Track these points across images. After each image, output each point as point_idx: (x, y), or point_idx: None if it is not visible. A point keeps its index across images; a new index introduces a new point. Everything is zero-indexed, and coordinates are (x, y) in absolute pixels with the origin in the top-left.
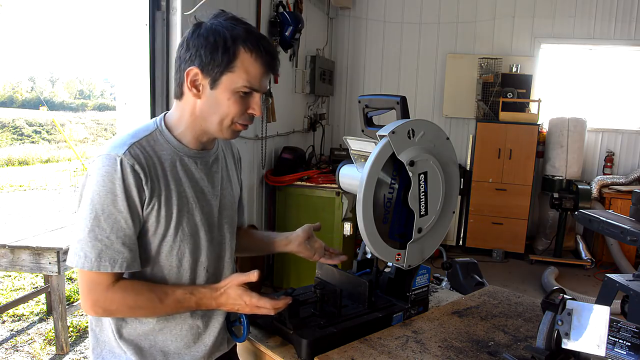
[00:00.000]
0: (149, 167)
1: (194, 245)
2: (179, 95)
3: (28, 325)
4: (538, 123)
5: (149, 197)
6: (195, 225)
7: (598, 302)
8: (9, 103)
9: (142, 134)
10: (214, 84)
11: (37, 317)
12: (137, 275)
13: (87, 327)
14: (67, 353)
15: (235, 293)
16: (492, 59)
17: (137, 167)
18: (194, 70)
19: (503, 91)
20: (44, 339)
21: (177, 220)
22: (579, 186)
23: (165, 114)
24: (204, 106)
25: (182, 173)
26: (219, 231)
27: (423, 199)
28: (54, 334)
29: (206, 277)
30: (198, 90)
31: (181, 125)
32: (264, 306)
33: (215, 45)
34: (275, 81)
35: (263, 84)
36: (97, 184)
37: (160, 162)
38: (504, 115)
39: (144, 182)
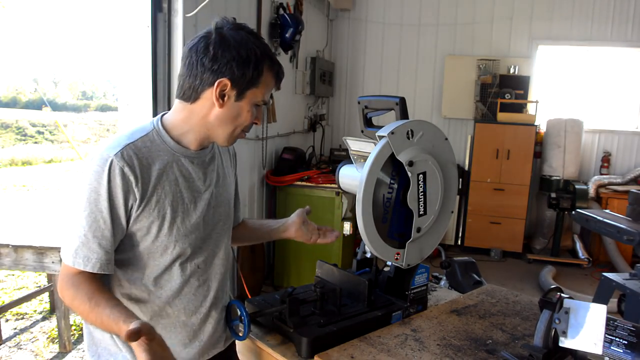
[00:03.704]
0: (141, 169)
1: (189, 245)
2: (193, 99)
3: (32, 324)
4: (535, 124)
5: (139, 198)
6: (191, 224)
7: (595, 300)
8: (12, 104)
9: (138, 134)
10: (239, 97)
11: (41, 316)
12: (130, 274)
13: None
14: (70, 351)
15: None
16: (490, 60)
17: (126, 169)
18: (224, 81)
19: (501, 92)
20: (48, 337)
21: (171, 219)
22: (576, 186)
23: (162, 115)
24: (222, 115)
25: (179, 173)
26: (213, 229)
27: (422, 199)
28: (56, 332)
29: (197, 274)
30: (223, 100)
31: (184, 127)
32: None
33: (247, 61)
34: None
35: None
36: (85, 181)
37: (155, 163)
38: (502, 116)
39: (133, 185)
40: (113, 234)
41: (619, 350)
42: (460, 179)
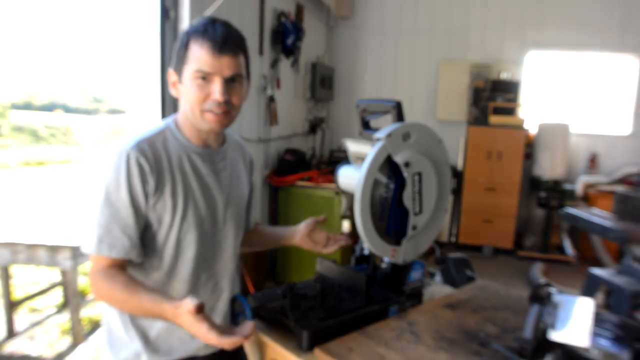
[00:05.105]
0: (155, 159)
1: (198, 237)
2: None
3: (45, 317)
4: (526, 127)
5: (154, 186)
6: (200, 217)
7: (582, 295)
8: (26, 107)
9: (153, 132)
10: (180, 78)
11: (54, 310)
12: (144, 266)
13: (99, 319)
14: (81, 343)
15: (186, 320)
16: (482, 66)
17: (141, 159)
18: (169, 71)
19: (493, 96)
20: (60, 330)
21: (183, 210)
22: (565, 186)
23: (176, 116)
24: (182, 101)
25: (189, 167)
26: (223, 226)
27: (417, 198)
28: (68, 326)
29: (206, 269)
30: (176, 89)
31: (184, 124)
32: (211, 340)
33: (179, 44)
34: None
35: (217, 67)
36: (105, 174)
37: (168, 156)
38: (493, 119)
39: (148, 173)
40: (134, 221)
41: (606, 343)
42: (455, 179)
